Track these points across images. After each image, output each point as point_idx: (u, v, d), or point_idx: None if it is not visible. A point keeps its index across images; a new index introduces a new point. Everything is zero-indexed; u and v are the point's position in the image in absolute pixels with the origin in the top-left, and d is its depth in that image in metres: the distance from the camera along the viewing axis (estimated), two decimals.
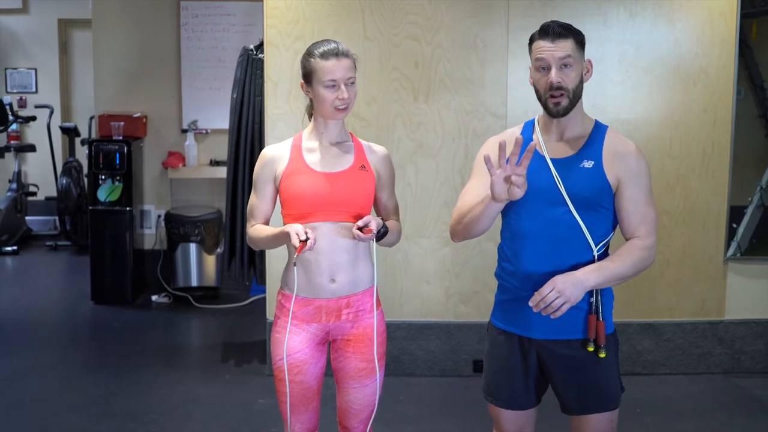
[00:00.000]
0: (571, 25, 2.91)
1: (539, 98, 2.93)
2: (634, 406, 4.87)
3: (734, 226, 5.35)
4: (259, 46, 5.50)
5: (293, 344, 3.12)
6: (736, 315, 5.42)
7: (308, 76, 3.09)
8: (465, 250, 5.24)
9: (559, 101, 2.87)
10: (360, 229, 2.99)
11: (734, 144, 5.27)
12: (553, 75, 2.85)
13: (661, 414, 4.90)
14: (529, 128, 3.04)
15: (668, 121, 5.25)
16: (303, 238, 2.93)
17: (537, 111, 3.03)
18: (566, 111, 2.89)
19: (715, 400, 5.13)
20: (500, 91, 5.21)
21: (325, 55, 3.04)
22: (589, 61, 2.95)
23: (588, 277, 2.82)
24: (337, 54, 3.04)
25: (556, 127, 2.96)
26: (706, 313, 5.41)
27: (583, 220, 2.88)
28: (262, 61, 5.34)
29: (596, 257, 2.91)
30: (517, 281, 2.98)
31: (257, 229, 3.19)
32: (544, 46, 2.87)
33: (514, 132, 3.07)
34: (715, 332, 5.42)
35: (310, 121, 3.26)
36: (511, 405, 3.09)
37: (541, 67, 2.88)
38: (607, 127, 3.00)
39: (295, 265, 3.03)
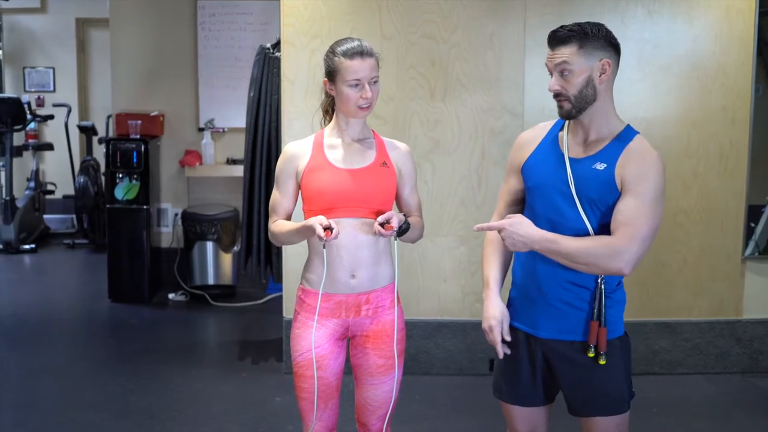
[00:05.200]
0: (581, 28, 2.84)
1: None
2: (650, 405, 4.85)
3: (752, 225, 5.33)
4: (276, 45, 5.51)
5: (314, 339, 3.13)
6: (754, 314, 5.39)
7: (332, 74, 3.09)
8: (481, 248, 5.22)
9: (561, 105, 2.88)
10: (382, 225, 3.00)
11: (752, 143, 5.24)
12: (551, 82, 2.87)
13: (678, 414, 4.88)
14: (560, 123, 3.03)
15: (686, 119, 5.23)
16: (326, 225, 2.95)
17: (553, 109, 3.01)
18: (569, 114, 2.88)
19: (733, 400, 5.11)
20: (517, 89, 5.20)
21: (349, 55, 3.05)
22: (607, 62, 2.85)
23: (540, 241, 2.84)
24: (361, 53, 3.05)
25: (580, 129, 2.94)
26: (724, 312, 5.39)
27: (591, 223, 2.86)
28: (278, 59, 5.35)
29: None
30: (526, 278, 3.00)
31: (279, 225, 3.20)
32: (547, 53, 2.89)
33: (545, 126, 3.07)
34: (732, 332, 5.40)
35: (324, 117, 3.27)
36: (518, 401, 3.10)
37: (549, 73, 2.91)
38: (637, 134, 2.92)
39: (324, 246, 3.02)
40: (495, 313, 2.99)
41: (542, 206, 2.95)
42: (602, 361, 2.89)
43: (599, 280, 2.88)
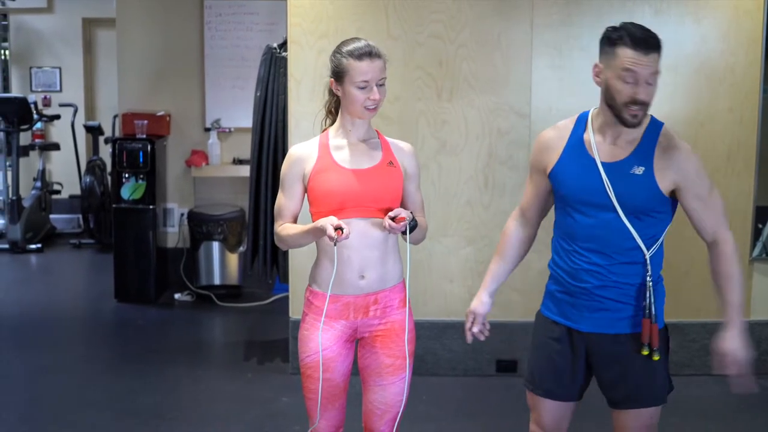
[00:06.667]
0: (656, 33, 2.80)
1: (612, 105, 2.82)
2: None
3: (760, 226, 5.31)
4: (283, 45, 5.50)
5: (321, 341, 3.11)
6: (762, 316, 5.37)
7: (339, 75, 3.07)
8: (488, 249, 5.22)
9: (637, 114, 2.80)
10: (392, 219, 2.98)
11: (760, 143, 5.22)
12: (642, 92, 2.77)
13: (686, 415, 4.86)
14: (582, 123, 2.97)
15: (693, 119, 5.21)
16: (336, 225, 2.93)
17: (560, 109, 3.01)
18: (641, 123, 2.85)
19: (740, 402, 5.07)
20: (524, 89, 5.19)
21: (358, 56, 3.02)
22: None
23: (742, 331, 3.02)
24: (370, 54, 3.04)
25: (613, 130, 2.88)
26: None
27: (633, 226, 2.85)
28: (285, 59, 5.34)
29: (648, 260, 2.89)
30: (567, 276, 3.00)
31: (286, 228, 3.17)
32: (635, 58, 2.74)
33: (566, 125, 3.02)
34: None
35: (327, 117, 3.25)
36: (552, 395, 3.09)
37: (627, 78, 2.77)
38: (663, 124, 2.92)
39: (335, 244, 2.96)
40: (476, 306, 3.32)
41: (577, 212, 2.93)
42: (656, 357, 2.91)
43: (647, 278, 2.89)
